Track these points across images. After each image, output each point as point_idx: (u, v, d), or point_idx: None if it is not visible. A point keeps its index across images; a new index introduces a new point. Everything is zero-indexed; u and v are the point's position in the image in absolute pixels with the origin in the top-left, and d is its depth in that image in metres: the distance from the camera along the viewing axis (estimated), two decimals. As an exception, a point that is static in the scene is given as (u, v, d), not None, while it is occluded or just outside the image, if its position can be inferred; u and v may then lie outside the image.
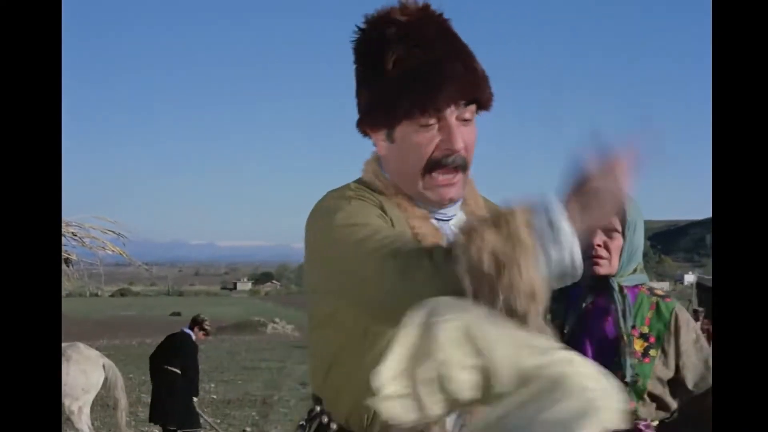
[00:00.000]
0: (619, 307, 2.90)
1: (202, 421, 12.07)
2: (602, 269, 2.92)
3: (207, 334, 12.10)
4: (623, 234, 2.94)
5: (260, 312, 59.79)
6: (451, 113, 2.01)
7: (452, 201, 2.11)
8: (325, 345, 2.12)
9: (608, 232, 2.92)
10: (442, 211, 2.14)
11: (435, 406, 1.58)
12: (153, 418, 11.81)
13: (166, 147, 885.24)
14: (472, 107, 2.05)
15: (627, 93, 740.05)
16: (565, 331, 2.91)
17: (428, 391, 1.56)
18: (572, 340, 2.82)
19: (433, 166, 2.03)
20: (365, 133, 2.16)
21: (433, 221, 2.12)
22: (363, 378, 2.01)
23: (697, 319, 21.25)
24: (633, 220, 2.95)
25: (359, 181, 2.18)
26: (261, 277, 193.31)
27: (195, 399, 11.79)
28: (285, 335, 40.03)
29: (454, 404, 1.60)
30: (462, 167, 2.06)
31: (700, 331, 3.03)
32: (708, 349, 2.99)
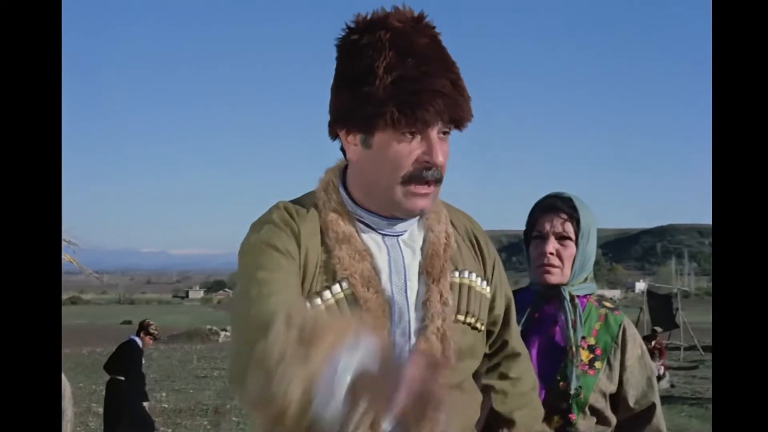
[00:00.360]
0: (570, 317, 2.83)
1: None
2: (554, 278, 2.86)
3: (154, 338, 12.32)
4: (576, 242, 2.86)
5: (212, 320, 59.36)
6: (434, 128, 1.99)
7: (422, 212, 2.09)
8: None
9: (561, 239, 2.86)
10: (393, 227, 2.13)
11: None
12: (105, 430, 11.85)
13: (117, 153, 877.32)
14: (451, 125, 2.02)
15: (624, 96, 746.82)
16: None
17: None
18: None
19: (411, 178, 2.01)
20: (335, 136, 2.12)
21: (369, 237, 2.11)
22: None
23: (654, 338, 21.58)
24: (586, 228, 2.88)
25: (302, 197, 2.16)
26: (213, 285, 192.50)
27: (146, 404, 11.88)
28: (237, 344, 39.66)
29: None
30: (438, 181, 2.05)
31: (645, 348, 2.97)
32: (651, 367, 2.94)
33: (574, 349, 2.78)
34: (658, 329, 23.89)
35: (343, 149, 2.13)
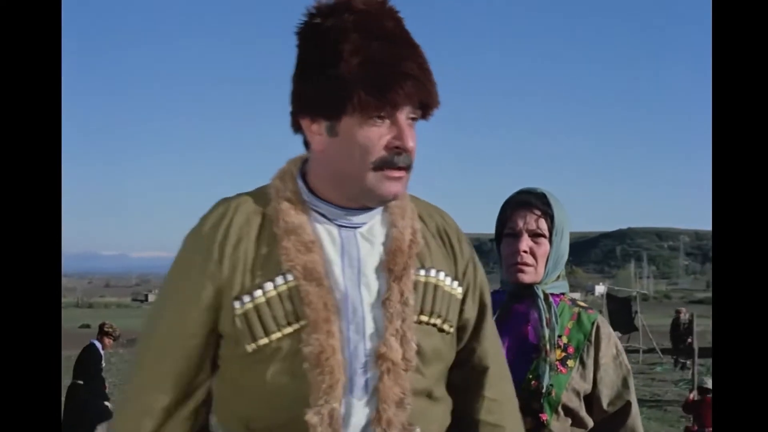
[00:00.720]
0: (544, 315, 2.71)
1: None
2: (527, 277, 2.75)
3: (114, 338, 12.41)
4: (550, 239, 2.76)
5: (172, 324, 58.91)
6: (402, 112, 1.94)
7: (396, 197, 2.02)
8: None
9: (535, 237, 2.75)
10: (350, 218, 2.06)
11: None
12: (63, 434, 11.82)
13: (75, 154, 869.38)
14: (418, 111, 1.99)
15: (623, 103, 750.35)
16: None
17: None
18: None
19: (383, 163, 1.95)
20: (297, 128, 2.05)
21: (323, 228, 2.05)
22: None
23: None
24: (561, 225, 2.78)
25: (257, 189, 2.12)
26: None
27: (107, 404, 11.93)
28: (198, 347, 39.35)
29: None
30: (409, 167, 1.99)
31: (621, 348, 2.85)
32: (628, 367, 2.84)
33: (548, 347, 2.68)
34: (618, 334, 24.15)
35: (306, 142, 2.07)
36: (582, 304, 2.90)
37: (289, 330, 1.94)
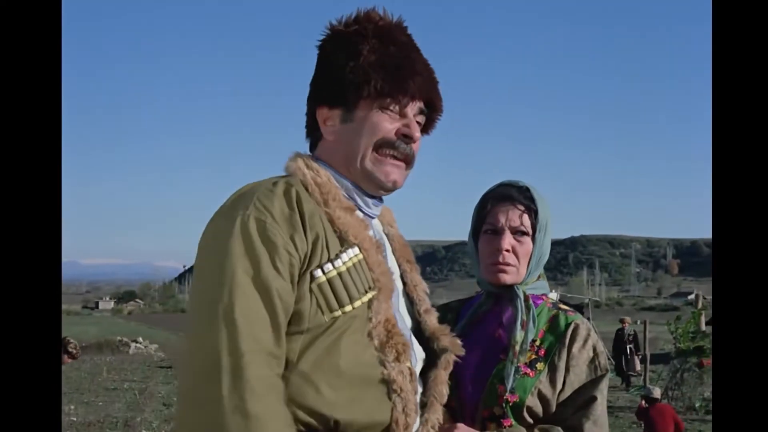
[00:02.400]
0: (521, 317, 2.51)
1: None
2: (509, 277, 2.56)
3: (73, 357, 11.92)
4: (533, 237, 2.59)
5: (123, 331, 58.43)
6: (411, 107, 2.19)
7: (395, 185, 2.20)
8: None
9: (518, 235, 2.57)
10: (372, 206, 2.24)
11: None
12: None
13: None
14: (422, 115, 2.25)
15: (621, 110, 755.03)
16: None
17: None
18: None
19: (385, 144, 2.15)
20: (310, 127, 2.26)
21: (359, 214, 2.18)
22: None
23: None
24: (544, 221, 2.62)
25: (277, 178, 2.12)
26: (124, 296, 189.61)
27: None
28: (148, 355, 39.16)
29: None
30: (409, 159, 2.21)
31: (601, 350, 2.57)
32: (605, 370, 2.54)
33: (517, 349, 2.47)
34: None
35: (312, 144, 2.28)
36: (563, 306, 2.69)
37: (365, 298, 2.06)
